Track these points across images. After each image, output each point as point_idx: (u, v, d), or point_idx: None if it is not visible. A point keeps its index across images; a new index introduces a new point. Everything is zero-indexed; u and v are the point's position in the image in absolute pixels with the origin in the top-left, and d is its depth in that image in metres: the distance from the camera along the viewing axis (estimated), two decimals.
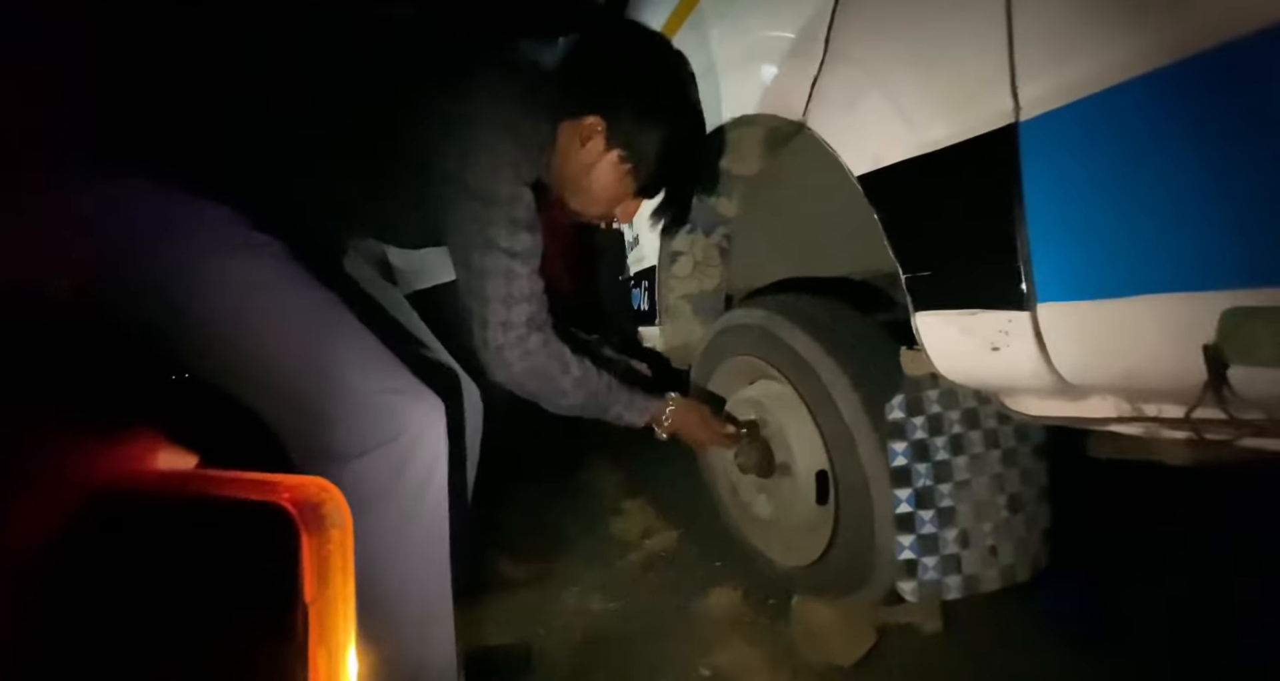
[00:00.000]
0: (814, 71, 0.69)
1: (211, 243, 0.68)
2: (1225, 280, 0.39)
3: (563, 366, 0.81)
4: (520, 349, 0.76)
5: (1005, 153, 0.49)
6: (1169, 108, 0.40)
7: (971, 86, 0.52)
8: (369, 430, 0.68)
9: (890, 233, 0.63)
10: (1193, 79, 0.38)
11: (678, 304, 1.23)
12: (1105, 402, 0.53)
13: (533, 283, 0.76)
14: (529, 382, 0.80)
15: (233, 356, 0.69)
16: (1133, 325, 0.45)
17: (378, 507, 0.67)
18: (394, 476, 0.68)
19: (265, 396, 0.70)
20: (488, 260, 0.72)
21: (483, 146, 0.70)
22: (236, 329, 0.68)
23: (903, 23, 0.59)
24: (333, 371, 0.69)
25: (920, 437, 0.70)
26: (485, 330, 0.76)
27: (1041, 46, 0.47)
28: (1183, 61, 0.38)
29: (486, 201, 0.71)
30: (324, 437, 0.68)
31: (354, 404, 0.68)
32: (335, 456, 0.67)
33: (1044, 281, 0.49)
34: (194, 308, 0.68)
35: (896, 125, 0.59)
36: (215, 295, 0.68)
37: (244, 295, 0.68)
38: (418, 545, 0.71)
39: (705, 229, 1.15)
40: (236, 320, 0.68)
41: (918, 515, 0.70)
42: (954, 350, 0.60)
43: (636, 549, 1.28)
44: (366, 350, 0.73)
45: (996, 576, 0.71)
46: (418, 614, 0.71)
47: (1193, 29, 0.38)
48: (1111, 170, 0.44)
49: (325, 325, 0.72)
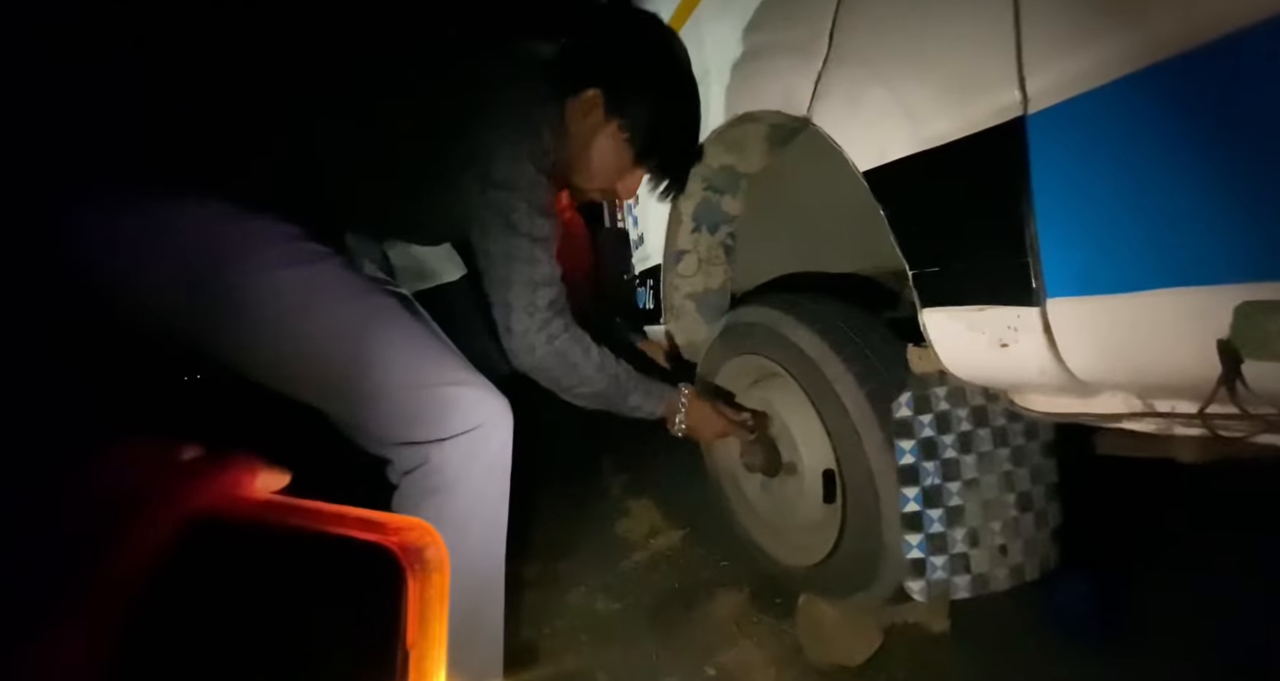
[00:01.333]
0: (818, 67, 0.69)
1: (283, 256, 0.70)
2: (1239, 274, 0.38)
3: (584, 351, 0.83)
4: (545, 332, 0.79)
5: (1013, 147, 0.49)
6: (1182, 99, 0.39)
7: (978, 81, 0.52)
8: (453, 419, 0.73)
9: (897, 228, 0.63)
10: (1206, 69, 0.38)
11: (683, 302, 1.22)
12: (1116, 399, 0.53)
13: (553, 268, 0.79)
14: (553, 368, 0.82)
15: (320, 365, 0.72)
16: (1145, 320, 0.44)
17: (455, 489, 0.73)
18: (471, 460, 0.74)
19: (348, 398, 0.74)
20: (512, 246, 0.75)
21: (502, 140, 0.74)
22: (322, 337, 0.72)
23: (907, 18, 0.59)
24: (418, 369, 0.74)
25: (928, 435, 0.69)
26: (510, 315, 0.78)
27: (1050, 39, 0.46)
28: (1195, 51, 0.38)
29: (508, 189, 0.74)
30: (408, 430, 0.73)
31: (439, 397, 0.73)
32: (419, 444, 0.72)
33: (1053, 277, 0.49)
34: (278, 322, 0.70)
35: (901, 120, 0.59)
36: (301, 305, 0.71)
37: (327, 304, 0.72)
38: (483, 527, 0.76)
39: (710, 227, 1.15)
40: (322, 328, 0.72)
41: (926, 514, 0.69)
42: (962, 347, 0.59)
43: (642, 549, 1.28)
44: (441, 348, 0.79)
45: (1006, 576, 0.70)
46: (473, 590, 0.74)
47: (1206, 17, 0.37)
48: (1123, 163, 0.43)
49: (400, 327, 0.76)
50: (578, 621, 1.05)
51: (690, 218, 1.13)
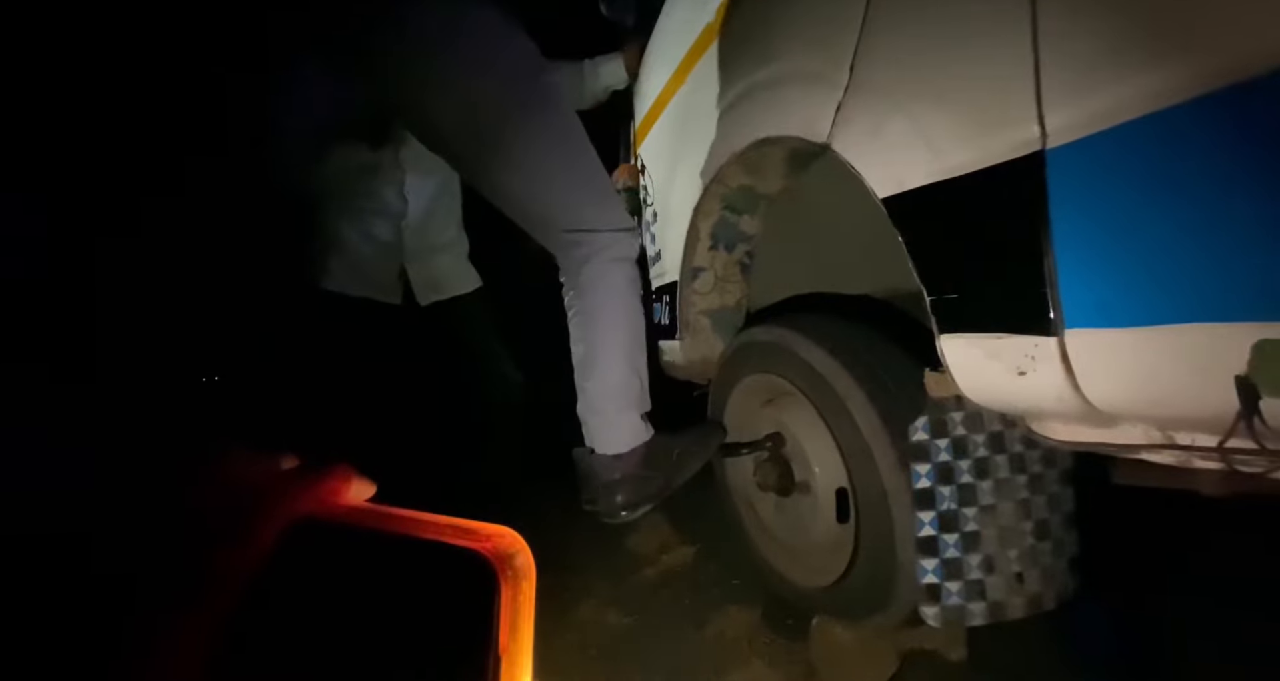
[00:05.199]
0: (839, 97, 0.71)
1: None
2: (1257, 312, 0.39)
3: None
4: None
5: (1032, 179, 0.50)
6: (1203, 139, 0.40)
7: (998, 114, 0.53)
8: (624, 217, 0.98)
9: (915, 254, 0.63)
10: (1227, 110, 0.39)
11: (698, 319, 1.24)
12: (1135, 430, 0.53)
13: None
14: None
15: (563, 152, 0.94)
16: (1163, 354, 0.44)
17: (622, 272, 0.96)
18: (632, 250, 0.98)
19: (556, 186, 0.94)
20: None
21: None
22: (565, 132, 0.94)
23: (927, 51, 0.60)
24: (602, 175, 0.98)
25: (944, 460, 0.69)
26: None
27: (1069, 77, 0.47)
28: (1215, 93, 0.39)
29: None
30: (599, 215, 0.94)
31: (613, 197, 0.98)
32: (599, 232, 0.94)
33: (1072, 308, 0.49)
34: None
35: (922, 150, 0.60)
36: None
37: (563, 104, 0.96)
38: (633, 314, 0.97)
39: (727, 245, 1.17)
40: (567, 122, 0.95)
41: (941, 538, 0.69)
42: (979, 373, 0.60)
43: (652, 564, 1.28)
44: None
45: (1023, 604, 0.70)
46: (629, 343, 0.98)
47: (1225, 61, 0.38)
48: (1142, 200, 0.44)
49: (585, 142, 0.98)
50: (588, 635, 1.06)
51: (708, 235, 1.15)
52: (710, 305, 1.22)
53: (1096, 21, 0.45)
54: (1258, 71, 0.37)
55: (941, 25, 0.58)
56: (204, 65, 1.70)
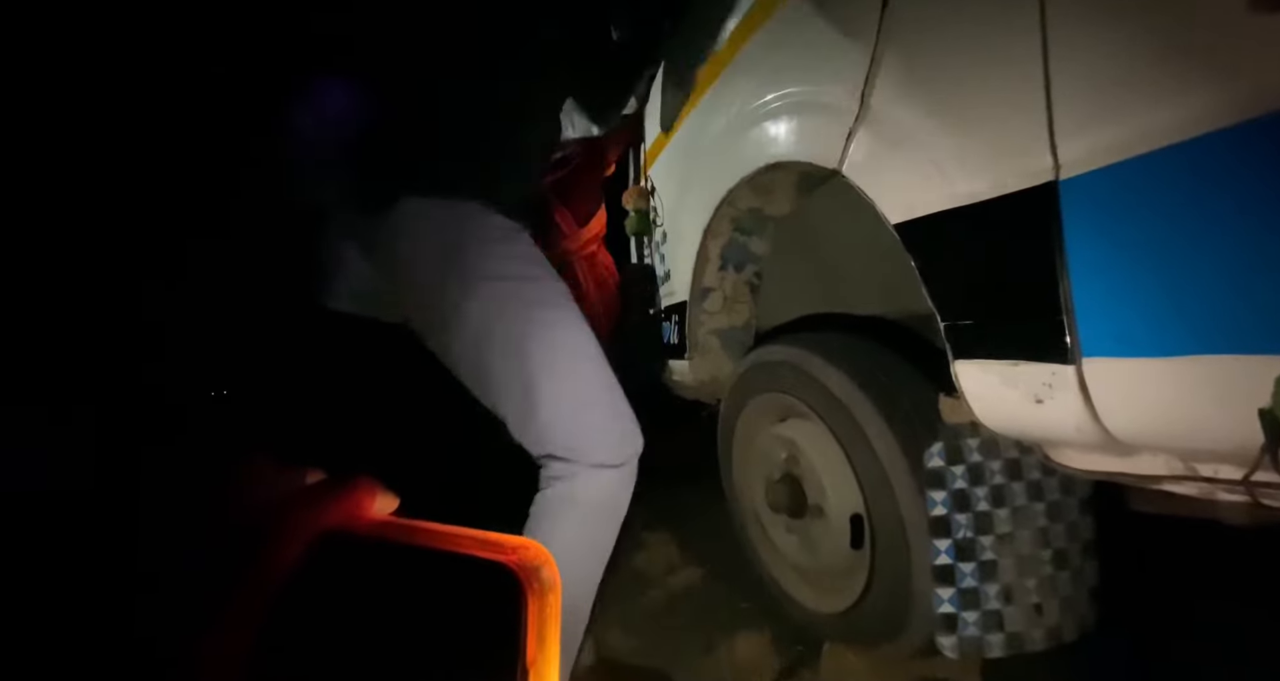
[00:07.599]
0: (849, 124, 0.71)
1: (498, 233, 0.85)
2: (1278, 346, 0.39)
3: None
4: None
5: (1046, 209, 0.50)
6: (1220, 172, 0.40)
7: (1010, 145, 0.54)
8: (626, 444, 0.81)
9: (928, 280, 0.64)
10: (1244, 144, 0.39)
11: (707, 338, 1.24)
12: (1156, 460, 0.52)
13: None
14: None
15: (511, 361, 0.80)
16: (1184, 385, 0.44)
17: (607, 510, 0.80)
18: (625, 489, 0.82)
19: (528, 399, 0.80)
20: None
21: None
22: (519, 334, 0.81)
23: (938, 82, 0.61)
24: (597, 387, 0.82)
25: (960, 487, 0.69)
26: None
27: (1081, 108, 0.48)
28: (1232, 128, 0.39)
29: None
30: (572, 446, 0.78)
31: (606, 421, 0.81)
32: (572, 463, 0.79)
33: (1089, 337, 0.49)
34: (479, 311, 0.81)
35: (933, 178, 0.61)
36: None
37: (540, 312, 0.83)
38: (602, 550, 0.81)
39: (736, 265, 1.18)
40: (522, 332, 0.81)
41: (958, 567, 0.68)
42: (995, 400, 0.59)
43: (659, 585, 1.26)
44: (608, 369, 0.85)
45: (1042, 636, 0.68)
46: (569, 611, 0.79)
47: (1240, 96, 0.39)
48: (1159, 231, 0.44)
49: (589, 341, 0.84)
50: (593, 656, 1.04)
51: (718, 256, 1.16)
52: (719, 325, 1.23)
53: (1107, 55, 0.46)
54: (1274, 106, 0.37)
55: (952, 55, 0.59)
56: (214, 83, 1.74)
